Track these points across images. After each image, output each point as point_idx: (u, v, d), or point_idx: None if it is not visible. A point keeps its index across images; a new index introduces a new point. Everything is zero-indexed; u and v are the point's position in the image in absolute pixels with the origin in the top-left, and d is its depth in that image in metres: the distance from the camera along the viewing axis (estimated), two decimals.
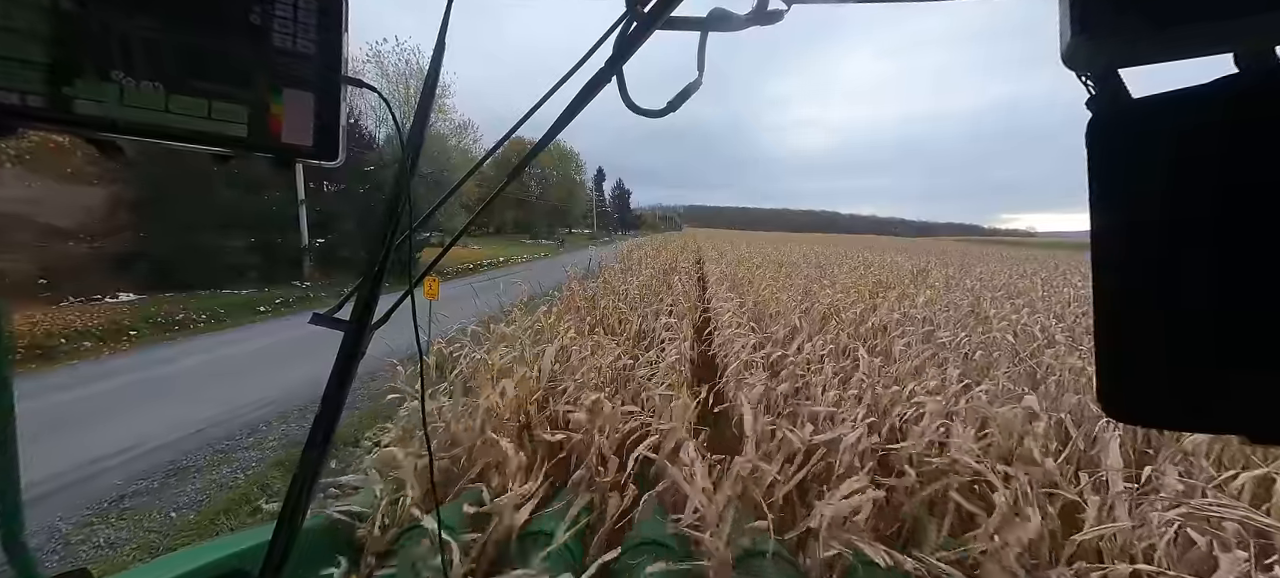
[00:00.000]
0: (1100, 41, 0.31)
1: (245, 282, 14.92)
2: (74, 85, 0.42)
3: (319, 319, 0.61)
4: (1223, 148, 0.28)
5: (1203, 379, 0.29)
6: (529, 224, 59.61)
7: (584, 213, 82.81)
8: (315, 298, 15.26)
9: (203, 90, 0.46)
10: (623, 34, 0.52)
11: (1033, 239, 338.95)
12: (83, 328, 9.97)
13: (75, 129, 0.43)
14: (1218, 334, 0.28)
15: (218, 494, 4.66)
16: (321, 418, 0.59)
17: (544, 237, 57.43)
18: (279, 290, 14.68)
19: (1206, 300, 0.28)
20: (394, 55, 27.71)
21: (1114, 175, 0.32)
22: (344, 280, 16.99)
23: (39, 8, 0.40)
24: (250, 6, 0.48)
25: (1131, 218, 0.31)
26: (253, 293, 14.35)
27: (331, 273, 16.96)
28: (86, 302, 11.96)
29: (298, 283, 15.84)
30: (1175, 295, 0.29)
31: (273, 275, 15.51)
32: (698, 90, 0.55)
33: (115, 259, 13.30)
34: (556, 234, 60.70)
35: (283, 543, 0.58)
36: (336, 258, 17.18)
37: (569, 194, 73.18)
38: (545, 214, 62.89)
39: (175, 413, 6.13)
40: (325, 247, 17.05)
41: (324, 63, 0.51)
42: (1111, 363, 0.33)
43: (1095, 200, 0.32)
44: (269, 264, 15.28)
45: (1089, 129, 0.33)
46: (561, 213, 70.53)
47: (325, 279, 16.70)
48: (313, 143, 0.51)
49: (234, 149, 0.49)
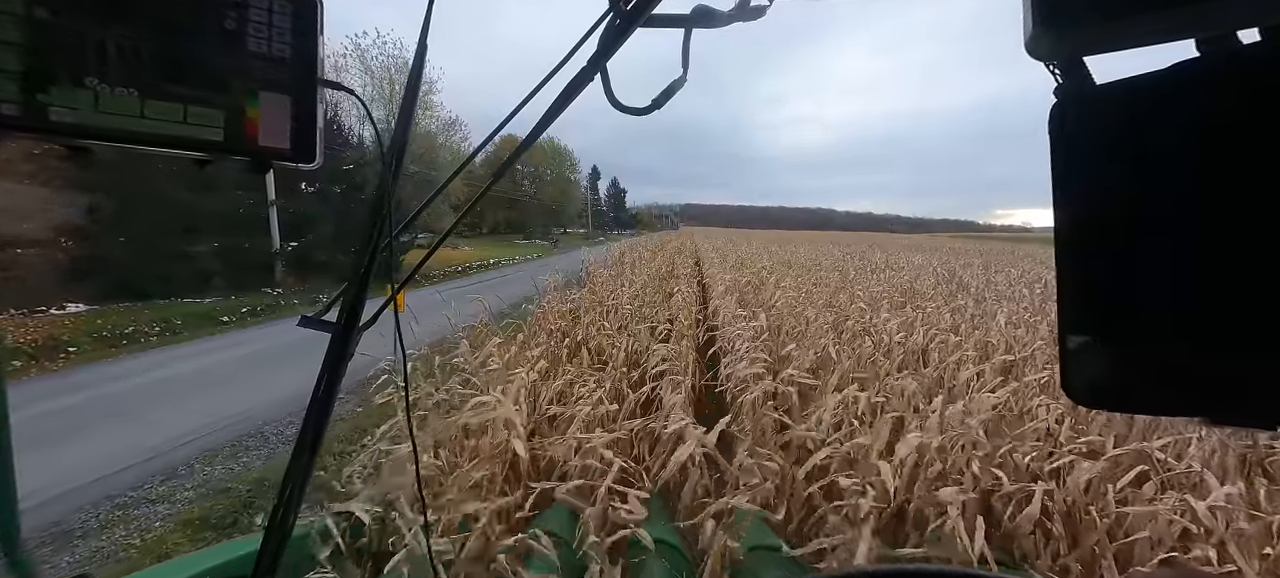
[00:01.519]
0: (1062, 30, 0.30)
1: (210, 289, 13.88)
2: (49, 93, 0.42)
3: (307, 322, 0.62)
4: (1184, 132, 0.28)
5: (1165, 363, 0.30)
6: (522, 224, 58.45)
7: (579, 212, 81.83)
8: (288, 305, 14.24)
9: (178, 95, 0.46)
10: (606, 32, 0.53)
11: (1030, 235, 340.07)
12: (15, 344, 8.93)
13: (50, 137, 0.43)
14: (1179, 318, 0.29)
15: (101, 568, 3.72)
16: (309, 421, 0.59)
17: (538, 237, 56.40)
18: (247, 298, 13.64)
19: (1168, 285, 0.29)
20: (376, 50, 26.60)
21: (1076, 161, 0.32)
22: (320, 286, 15.97)
23: (12, 16, 0.40)
24: (225, 12, 0.48)
25: (1094, 203, 0.32)
26: (217, 301, 13.32)
27: (307, 278, 15.91)
28: (29, 314, 10.87)
29: (268, 289, 14.79)
30: (1138, 281, 0.30)
31: (241, 282, 14.46)
32: (683, 87, 0.55)
33: (65, 266, 12.22)
34: (550, 234, 59.65)
35: (272, 549, 0.59)
36: (312, 262, 16.12)
37: (563, 193, 72.16)
38: (539, 214, 61.72)
39: (82, 453, 5.14)
40: (300, 250, 15.99)
41: (300, 66, 0.52)
42: (1074, 349, 0.33)
43: (1058, 187, 0.33)
44: (236, 269, 14.22)
45: (1051, 116, 0.33)
46: (555, 212, 69.46)
47: (300, 285, 15.66)
48: (290, 145, 0.52)
49: (210, 153, 0.49)
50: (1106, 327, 0.31)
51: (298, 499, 0.59)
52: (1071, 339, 0.33)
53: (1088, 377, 0.33)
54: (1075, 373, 0.33)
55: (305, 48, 0.51)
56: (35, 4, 0.41)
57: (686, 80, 0.55)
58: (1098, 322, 0.32)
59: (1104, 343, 0.32)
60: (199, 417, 6.01)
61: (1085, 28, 0.30)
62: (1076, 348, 0.33)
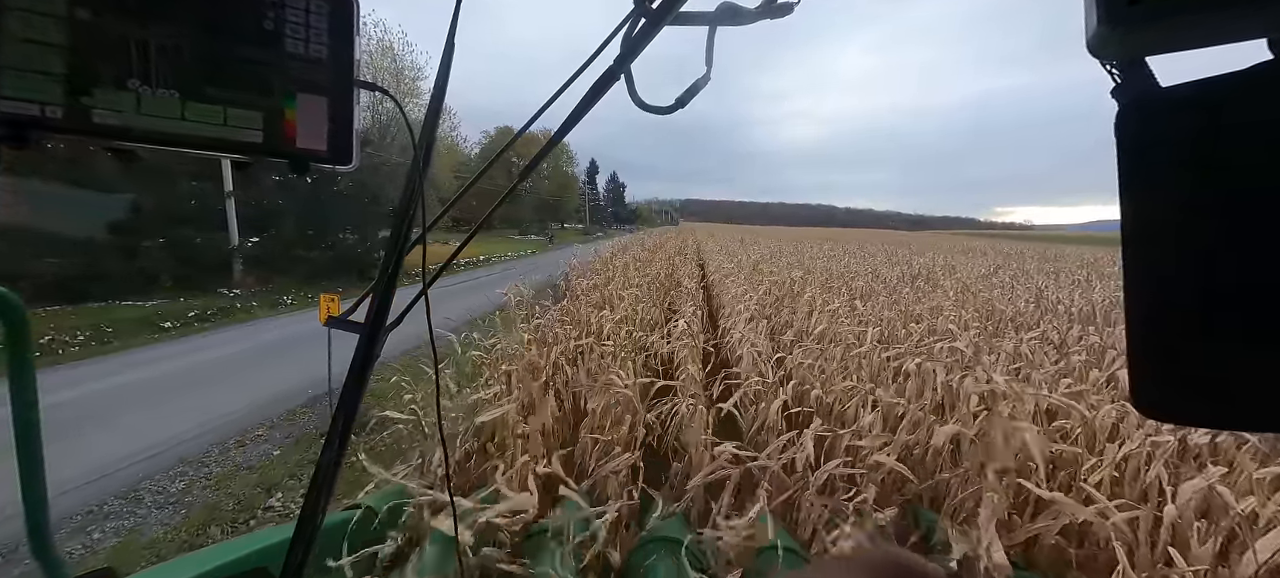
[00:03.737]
0: (1129, 29, 0.29)
1: (157, 290, 12.42)
2: (92, 95, 0.42)
3: (334, 322, 0.62)
4: (1263, 137, 0.27)
5: (1242, 378, 0.28)
6: (518, 219, 56.81)
7: (577, 207, 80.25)
8: (244, 308, 12.78)
9: (218, 97, 0.46)
10: (629, 32, 0.52)
11: (1033, 233, 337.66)
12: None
13: (93, 139, 0.43)
14: (1258, 332, 0.27)
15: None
16: (338, 418, 0.59)
17: (534, 232, 54.86)
18: (199, 300, 12.18)
19: (1247, 297, 0.28)
20: (400, 46, 25.05)
21: (1146, 167, 0.31)
22: (285, 287, 14.51)
23: (56, 19, 0.41)
24: (263, 13, 0.48)
25: (1165, 210, 0.31)
26: (165, 303, 11.87)
27: (270, 278, 14.43)
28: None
29: (225, 290, 13.32)
30: (1214, 291, 0.28)
31: (195, 282, 13.00)
32: (707, 85, 0.55)
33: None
34: (547, 229, 58.12)
35: (304, 542, 0.59)
36: (276, 260, 14.63)
37: (561, 188, 70.51)
38: (535, 209, 60.04)
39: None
40: (261, 247, 14.49)
41: (337, 67, 0.51)
42: (1145, 360, 0.32)
43: (1126, 193, 0.31)
44: (186, 268, 12.74)
45: (1118, 120, 0.32)
46: (553, 207, 67.82)
47: (261, 285, 14.17)
48: (327, 147, 0.51)
49: (250, 155, 0.49)
50: (1180, 338, 0.30)
51: (328, 493, 0.59)
52: (1141, 350, 0.32)
53: (1160, 390, 0.31)
54: (1146, 386, 0.32)
55: (342, 48, 0.51)
56: (77, 5, 0.41)
57: (711, 78, 0.55)
58: (1170, 333, 0.30)
59: (1176, 355, 0.30)
60: (71, 464, 4.53)
61: (1154, 26, 0.29)
62: (1147, 359, 0.32)
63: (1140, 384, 0.31)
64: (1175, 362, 0.30)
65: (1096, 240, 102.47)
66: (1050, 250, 35.89)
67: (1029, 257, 26.72)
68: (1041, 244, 58.06)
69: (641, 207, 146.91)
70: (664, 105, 0.55)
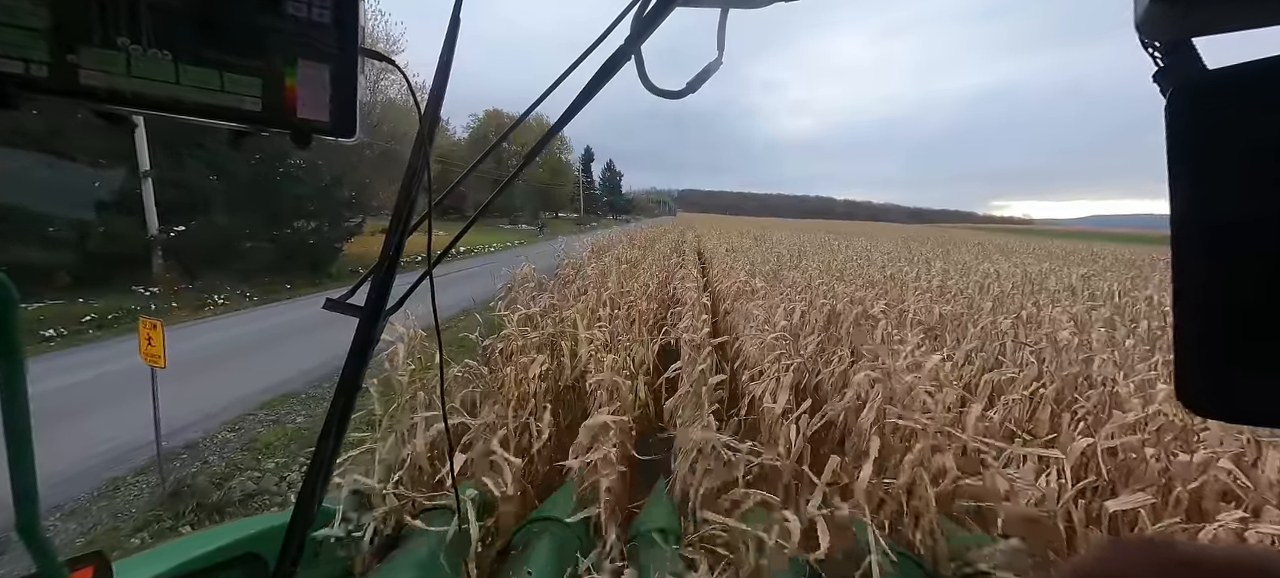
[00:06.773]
0: (1180, 7, 0.28)
1: (50, 289, 10.34)
2: (78, 53, 0.39)
3: (331, 305, 0.60)
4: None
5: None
6: (509, 208, 54.43)
7: (571, 196, 77.84)
8: (165, 309, 10.73)
9: (214, 60, 0.43)
10: (640, 13, 0.51)
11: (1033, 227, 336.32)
12: None
13: (81, 101, 0.41)
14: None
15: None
16: (336, 406, 0.58)
17: (525, 221, 52.61)
18: (100, 303, 10.13)
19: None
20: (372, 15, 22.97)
21: (1198, 155, 0.29)
22: (215, 284, 12.41)
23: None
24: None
25: (1218, 202, 0.29)
26: (60, 303, 9.85)
27: (196, 273, 12.32)
28: None
29: (140, 289, 11.24)
30: (1264, 286, 0.27)
31: (102, 278, 10.92)
32: (718, 69, 0.54)
33: None
34: (539, 219, 55.84)
35: (299, 530, 0.60)
36: (204, 252, 12.49)
37: (554, 175, 68.00)
38: (528, 197, 57.63)
39: None
40: (186, 237, 12.37)
41: (340, 33, 0.47)
42: (1192, 355, 0.31)
43: (1176, 181, 0.30)
44: (88, 262, 10.65)
45: (1170, 103, 0.30)
46: (546, 196, 65.34)
47: (185, 283, 12.07)
48: (329, 118, 0.48)
49: (248, 123, 0.46)
50: (1228, 334, 0.29)
51: (324, 484, 0.58)
52: (1191, 344, 0.31)
53: (1207, 385, 0.31)
54: (1192, 381, 0.31)
55: (346, 14, 0.47)
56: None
57: (722, 62, 0.54)
58: (1219, 327, 0.29)
59: (1225, 349, 0.29)
60: None
61: (1211, 5, 0.27)
62: (1194, 354, 0.31)
63: (1186, 379, 0.30)
64: (1228, 358, 0.29)
65: (1097, 237, 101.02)
66: (1060, 247, 33.94)
67: (1035, 252, 24.79)
68: (1060, 241, 56.18)
69: (637, 196, 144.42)
70: (675, 89, 0.55)
